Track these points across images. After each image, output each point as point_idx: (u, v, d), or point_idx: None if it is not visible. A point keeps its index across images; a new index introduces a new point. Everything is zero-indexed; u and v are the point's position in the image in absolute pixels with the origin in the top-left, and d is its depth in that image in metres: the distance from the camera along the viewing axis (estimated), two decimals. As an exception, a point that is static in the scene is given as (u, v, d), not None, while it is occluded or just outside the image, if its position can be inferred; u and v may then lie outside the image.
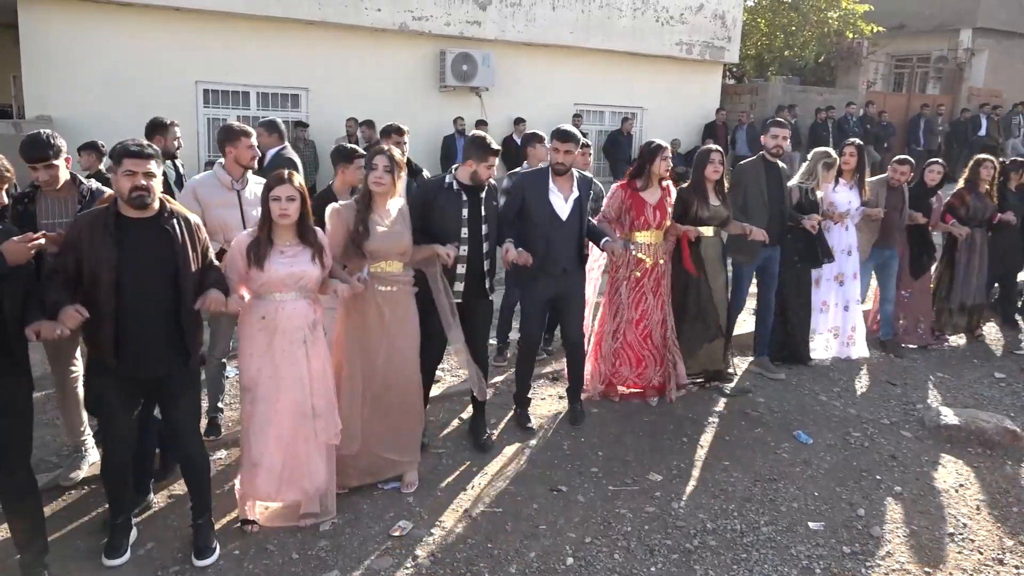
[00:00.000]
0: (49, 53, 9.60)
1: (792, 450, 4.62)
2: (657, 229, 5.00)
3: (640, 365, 5.15)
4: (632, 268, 5.01)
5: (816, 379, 5.81)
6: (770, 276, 5.71)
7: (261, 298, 3.45)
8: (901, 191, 6.24)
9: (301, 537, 3.55)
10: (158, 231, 3.09)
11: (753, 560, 3.50)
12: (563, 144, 4.44)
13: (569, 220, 4.52)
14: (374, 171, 3.75)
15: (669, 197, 5.04)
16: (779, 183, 5.55)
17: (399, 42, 11.78)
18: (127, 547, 3.36)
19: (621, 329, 5.11)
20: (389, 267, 3.85)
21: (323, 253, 3.51)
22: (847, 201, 6.00)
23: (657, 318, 5.11)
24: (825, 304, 6.17)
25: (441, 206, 4.13)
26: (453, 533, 3.63)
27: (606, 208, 5.03)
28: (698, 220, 5.12)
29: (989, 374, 6.10)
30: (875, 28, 17.81)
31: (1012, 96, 17.40)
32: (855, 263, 6.17)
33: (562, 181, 4.54)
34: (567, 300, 4.69)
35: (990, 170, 6.55)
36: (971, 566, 3.53)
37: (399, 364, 3.90)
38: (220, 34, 10.54)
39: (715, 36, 14.41)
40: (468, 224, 4.16)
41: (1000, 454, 4.65)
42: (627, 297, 5.05)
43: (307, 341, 3.49)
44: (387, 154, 3.77)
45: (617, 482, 4.15)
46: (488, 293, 4.35)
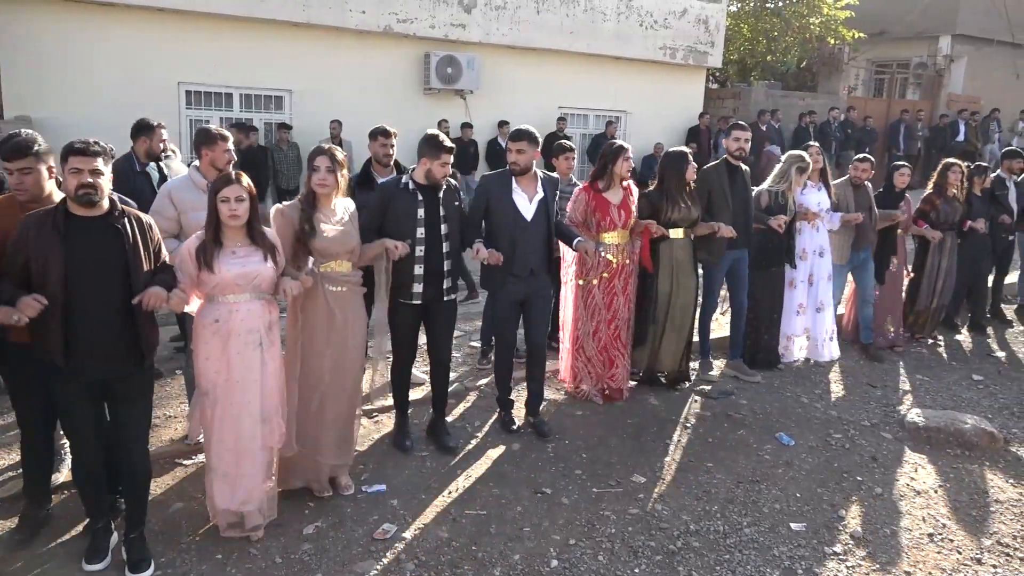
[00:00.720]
0: (29, 53, 9.50)
1: (774, 452, 4.66)
2: (623, 229, 5.03)
3: (612, 366, 5.20)
4: (601, 269, 5.03)
5: (798, 381, 5.86)
6: (739, 279, 5.74)
7: (214, 301, 3.39)
8: (866, 190, 6.30)
9: (284, 541, 3.53)
10: (108, 230, 3.06)
11: (736, 561, 3.52)
12: (515, 143, 4.44)
13: (534, 221, 4.50)
14: (316, 172, 3.71)
15: (631, 196, 5.08)
16: (744, 186, 5.58)
17: (384, 44, 11.77)
18: (107, 551, 3.33)
19: (600, 330, 5.13)
20: (339, 267, 3.82)
21: (275, 252, 3.46)
22: (816, 202, 6.06)
23: (624, 317, 5.17)
24: (801, 306, 6.21)
25: (396, 206, 4.12)
26: (437, 536, 3.62)
27: (571, 212, 5.03)
28: (669, 223, 5.16)
29: (967, 376, 6.18)
30: (856, 34, 17.99)
31: (990, 102, 17.64)
32: (827, 264, 6.22)
33: (525, 182, 4.51)
34: (532, 302, 4.65)
35: (958, 175, 6.64)
36: (950, 566, 3.57)
37: (346, 365, 3.87)
38: (203, 35, 10.47)
39: (698, 41, 14.50)
40: (425, 224, 4.14)
41: (978, 455, 4.71)
42: (601, 298, 5.07)
43: (263, 344, 3.43)
44: (328, 154, 3.73)
45: (601, 484, 4.17)
46: (447, 294, 4.31)
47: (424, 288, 4.20)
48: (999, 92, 18.13)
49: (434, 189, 4.18)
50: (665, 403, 5.30)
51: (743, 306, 5.82)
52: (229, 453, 3.44)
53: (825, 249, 6.19)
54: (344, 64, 11.49)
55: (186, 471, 4.13)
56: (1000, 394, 5.80)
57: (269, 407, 3.49)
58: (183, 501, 3.83)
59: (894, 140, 16.07)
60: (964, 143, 16.15)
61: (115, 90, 9.90)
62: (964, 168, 6.75)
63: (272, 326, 3.49)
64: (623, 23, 13.61)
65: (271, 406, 3.50)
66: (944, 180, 6.65)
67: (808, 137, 14.36)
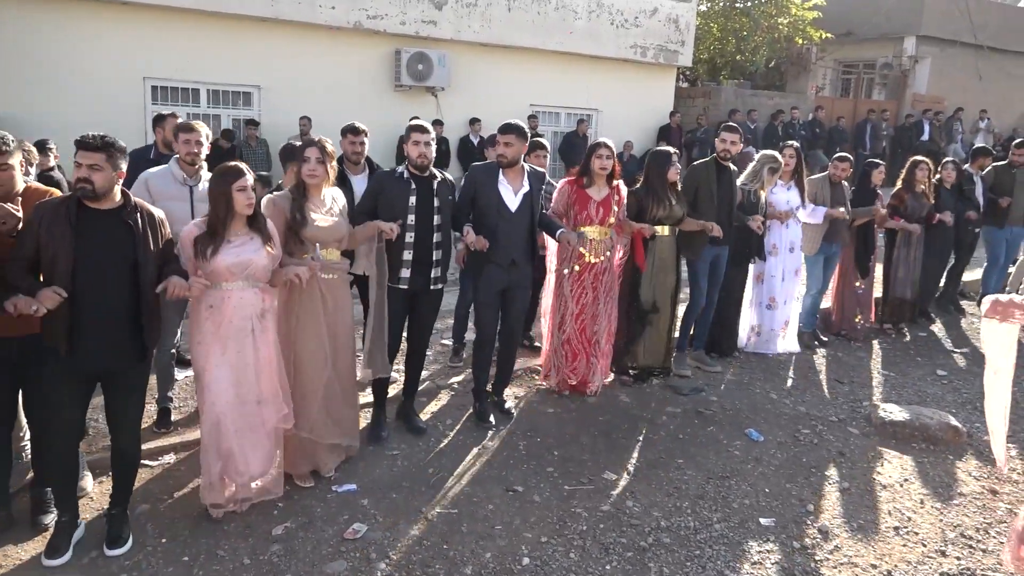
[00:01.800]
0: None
1: (744, 448, 4.70)
2: (600, 225, 5.06)
3: (575, 359, 5.23)
4: (572, 262, 5.08)
5: (767, 378, 5.92)
6: (717, 275, 5.85)
7: (208, 287, 3.43)
8: (842, 188, 6.53)
9: (253, 542, 3.49)
10: (118, 223, 3.13)
11: (706, 557, 3.54)
12: (503, 136, 4.53)
13: (518, 213, 4.58)
14: (307, 163, 3.81)
15: (617, 195, 5.11)
16: (730, 185, 5.69)
17: (354, 40, 11.69)
18: (68, 547, 3.28)
19: (566, 322, 5.18)
20: (329, 255, 3.92)
21: (272, 241, 3.56)
22: (785, 201, 6.21)
23: (592, 312, 5.18)
24: (774, 301, 6.35)
25: (390, 193, 4.21)
26: (408, 535, 3.60)
27: (554, 204, 5.10)
28: (655, 220, 5.25)
29: (932, 372, 6.28)
30: (823, 35, 18.23)
31: (953, 102, 17.99)
32: (797, 259, 6.42)
33: (512, 174, 4.59)
34: (513, 292, 4.74)
35: (925, 171, 6.89)
36: (915, 558, 3.62)
37: (340, 350, 4.02)
38: (170, 30, 10.33)
39: (669, 40, 14.60)
40: (416, 211, 4.22)
41: (943, 449, 4.79)
42: (568, 291, 5.13)
43: (255, 330, 3.51)
44: (318, 145, 3.83)
45: (573, 482, 4.17)
46: (435, 283, 4.40)
47: (412, 275, 4.29)
48: (962, 92, 18.49)
49: (428, 179, 4.27)
50: (636, 400, 5.32)
51: (714, 301, 5.94)
52: (222, 434, 3.51)
53: (796, 244, 6.36)
54: (314, 60, 11.39)
55: (152, 472, 4.06)
56: (963, 389, 5.91)
57: (266, 391, 3.58)
58: (149, 503, 3.76)
59: (860, 139, 16.31)
60: (928, 143, 16.44)
61: (80, 85, 9.74)
62: (931, 165, 6.98)
63: (266, 314, 3.57)
64: (594, 21, 13.65)
65: (269, 389, 3.59)
66: (912, 176, 6.89)
67: (778, 136, 14.56)
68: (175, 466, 4.15)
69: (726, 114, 14.93)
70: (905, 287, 7.04)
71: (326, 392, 3.95)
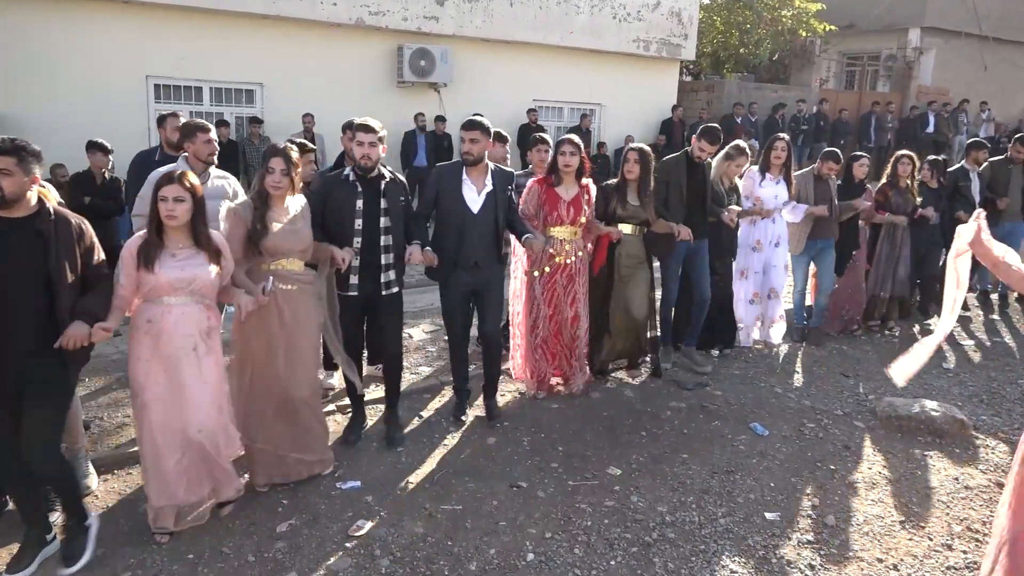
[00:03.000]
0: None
1: (749, 442, 4.68)
2: (571, 225, 4.93)
3: (555, 360, 5.15)
4: (543, 263, 4.95)
5: (771, 372, 5.90)
6: (700, 271, 5.67)
7: (150, 301, 3.30)
8: (828, 183, 6.36)
9: (257, 539, 3.49)
10: (29, 233, 2.96)
11: (711, 551, 3.53)
12: (467, 133, 4.39)
13: (481, 214, 4.45)
14: (271, 174, 3.68)
15: (587, 194, 4.98)
16: (702, 179, 5.52)
17: (355, 37, 11.67)
18: (32, 561, 3.19)
19: (540, 325, 5.05)
20: (289, 265, 3.80)
21: (220, 257, 3.39)
22: (773, 196, 6.07)
23: (567, 314, 5.04)
24: (757, 295, 6.31)
25: (337, 198, 4.09)
26: (412, 531, 3.60)
27: (523, 204, 4.93)
28: (617, 218, 5.12)
29: (937, 365, 6.25)
30: (827, 27, 18.16)
31: (958, 94, 17.90)
32: (783, 254, 6.32)
33: (475, 173, 4.47)
34: (482, 295, 4.63)
35: (907, 166, 6.70)
36: (921, 552, 3.61)
37: (298, 364, 3.84)
38: (172, 28, 10.32)
39: (672, 33, 14.54)
40: (363, 215, 4.08)
41: (949, 443, 4.77)
42: (540, 293, 4.99)
43: (197, 349, 3.34)
44: (284, 155, 3.69)
45: (577, 477, 4.16)
46: (388, 287, 4.23)
47: (360, 280, 4.15)
48: (967, 83, 18.41)
49: (375, 180, 4.12)
50: (640, 395, 5.31)
51: (706, 299, 5.74)
52: (162, 455, 3.34)
53: (782, 239, 6.27)
54: (316, 57, 11.38)
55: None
56: (970, 382, 5.88)
57: (208, 412, 3.40)
58: (153, 501, 3.76)
59: (865, 132, 16.26)
60: (934, 134, 16.37)
61: (82, 84, 9.74)
62: (915, 160, 6.81)
63: (211, 332, 3.40)
64: (596, 16, 13.61)
65: (212, 411, 3.42)
66: (895, 172, 6.73)
67: (779, 129, 14.51)
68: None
69: (730, 107, 14.89)
70: (884, 284, 6.86)
71: (281, 407, 3.81)
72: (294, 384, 3.82)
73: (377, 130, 4.08)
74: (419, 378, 5.46)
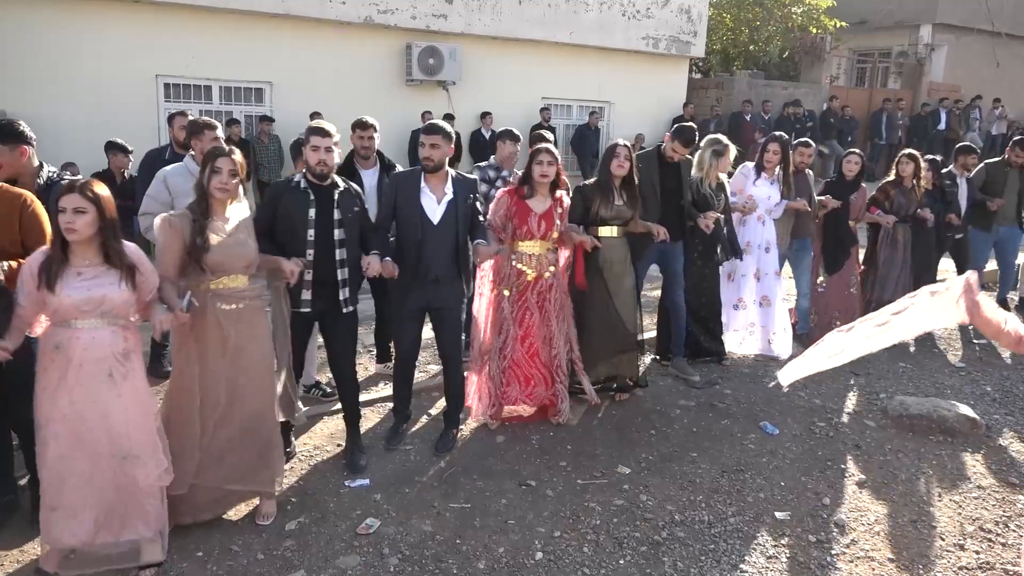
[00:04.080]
0: (2, 45, 9.36)
1: (758, 441, 4.66)
2: (542, 240, 4.53)
3: (529, 384, 4.68)
4: (513, 280, 4.57)
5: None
6: (673, 274, 5.44)
7: (57, 325, 2.98)
8: (807, 178, 6.09)
9: (266, 537, 3.50)
10: None
11: (721, 551, 3.52)
12: (428, 137, 4.07)
13: (442, 224, 4.12)
14: (218, 175, 3.31)
15: (560, 207, 4.58)
16: (676, 177, 5.24)
17: (364, 35, 11.69)
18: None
19: (508, 346, 4.62)
20: (232, 282, 3.42)
21: (134, 274, 3.03)
22: (767, 196, 5.80)
23: (543, 334, 4.65)
24: (741, 301, 5.95)
25: (287, 206, 3.77)
26: (421, 530, 3.60)
27: (491, 215, 4.54)
28: (600, 220, 4.77)
29: (949, 363, 6.21)
30: (838, 23, 18.06)
31: (970, 90, 17.77)
32: (775, 259, 5.95)
33: (435, 181, 4.15)
34: (440, 312, 4.30)
35: (907, 166, 6.39)
36: (933, 552, 3.58)
37: (246, 389, 3.48)
38: (181, 27, 10.37)
39: (681, 31, 14.50)
40: (316, 225, 3.77)
41: (960, 442, 4.73)
42: (510, 312, 4.58)
43: (114, 375, 3.01)
44: (230, 156, 3.35)
45: (586, 476, 4.15)
46: (345, 305, 3.93)
47: (313, 297, 3.85)
48: (979, 80, 18.28)
49: (329, 188, 3.82)
50: (649, 394, 5.28)
51: (680, 305, 5.48)
52: (69, 491, 3.01)
53: (772, 244, 5.91)
54: (325, 56, 11.41)
55: (166, 468, 4.07)
56: (982, 381, 5.84)
57: (135, 446, 3.07)
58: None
59: (876, 129, 16.17)
60: (946, 131, 16.27)
61: (92, 83, 9.79)
62: (918, 159, 6.48)
63: (129, 355, 3.07)
64: (605, 13, 13.59)
65: (137, 445, 3.08)
66: (898, 171, 6.46)
67: (790, 126, 14.45)
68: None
69: (739, 105, 14.83)
70: (884, 290, 6.48)
71: (221, 435, 3.44)
72: (244, 410, 3.48)
73: (333, 134, 3.79)
74: (427, 376, 5.46)
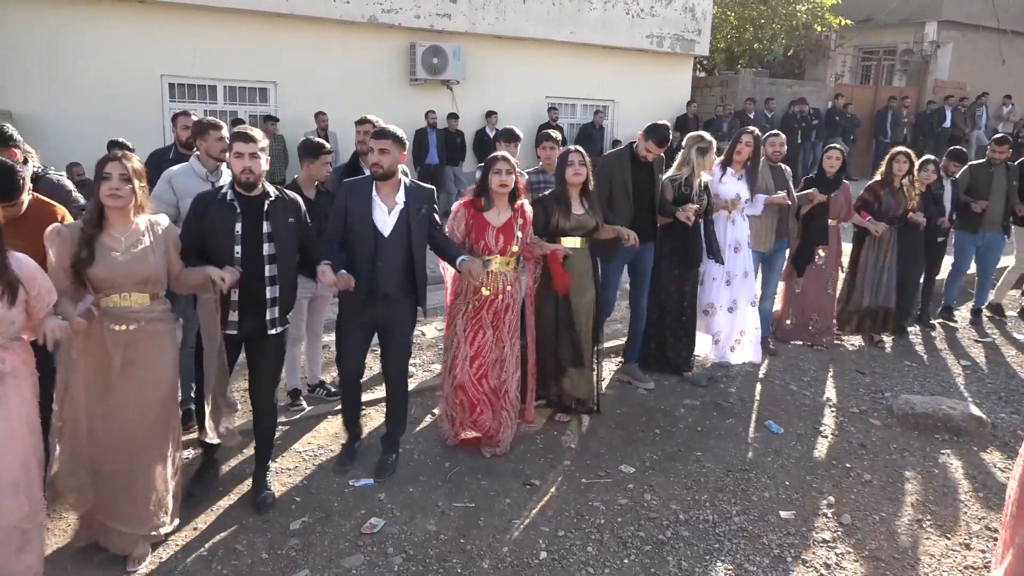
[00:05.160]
0: (8, 46, 9.38)
1: (763, 440, 4.65)
2: (501, 255, 4.20)
3: (475, 410, 4.31)
4: (469, 297, 4.25)
5: (786, 369, 5.86)
6: (642, 276, 5.26)
7: None
8: (783, 172, 5.87)
9: (271, 536, 3.50)
10: None
11: (725, 550, 3.51)
12: (377, 142, 3.77)
13: (393, 236, 3.83)
14: (108, 181, 3.04)
15: (521, 218, 4.26)
16: (650, 177, 5.05)
17: (368, 35, 11.69)
18: None
19: (456, 366, 4.29)
20: (124, 301, 3.14)
21: (16, 290, 2.79)
22: (734, 192, 5.54)
23: (494, 357, 4.30)
24: (711, 306, 5.64)
25: (211, 220, 3.47)
26: (425, 529, 3.60)
27: (450, 230, 4.24)
28: (561, 231, 4.51)
29: (955, 362, 6.19)
30: (842, 21, 18.01)
31: (976, 88, 17.70)
32: (745, 260, 5.64)
33: (386, 190, 3.86)
34: (389, 330, 4.00)
35: (902, 165, 6.17)
36: (939, 551, 3.57)
37: (134, 419, 3.18)
38: (186, 27, 10.38)
39: (685, 29, 14.47)
40: (243, 240, 3.47)
41: (966, 440, 4.72)
42: (462, 330, 4.26)
43: None
44: (121, 160, 3.07)
45: (590, 475, 4.15)
46: (272, 326, 3.63)
47: (241, 318, 3.54)
48: (985, 77, 18.21)
49: (258, 199, 3.52)
50: (654, 393, 5.28)
51: (643, 309, 5.35)
52: None
53: (742, 243, 5.63)
54: (329, 55, 11.41)
55: (171, 468, 4.08)
56: (988, 379, 5.82)
57: (5, 476, 2.80)
58: (168, 498, 3.78)
59: (881, 127, 16.11)
60: (952, 128, 16.20)
61: (97, 83, 9.81)
62: (912, 158, 6.26)
63: (4, 377, 2.82)
64: (609, 12, 13.56)
65: (9, 475, 2.81)
66: (890, 170, 6.21)
67: (797, 124, 14.43)
68: (192, 461, 4.16)
69: (743, 103, 14.79)
70: (869, 294, 6.37)
71: (110, 468, 3.17)
72: (132, 443, 3.19)
73: (258, 139, 3.49)
74: (431, 375, 5.46)
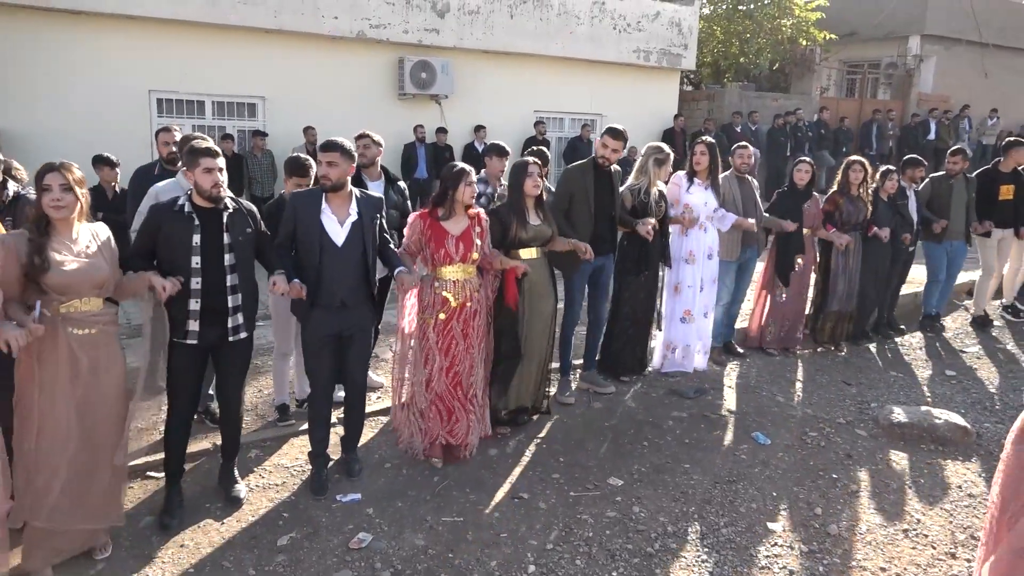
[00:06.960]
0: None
1: (751, 451, 4.67)
2: (463, 263, 4.25)
3: (451, 419, 4.37)
4: (437, 308, 4.26)
5: (774, 380, 5.89)
6: (602, 287, 5.37)
7: None
8: (750, 184, 6.00)
9: (258, 553, 3.49)
10: None
11: (713, 562, 3.52)
12: (325, 154, 3.80)
13: (346, 246, 3.87)
14: (48, 192, 3.07)
15: (479, 226, 4.32)
16: (610, 188, 5.16)
17: (357, 50, 11.73)
18: None
19: (433, 379, 4.32)
20: (84, 305, 3.19)
21: None
22: (703, 202, 5.62)
23: (468, 364, 4.36)
24: (688, 313, 5.76)
25: (169, 231, 3.51)
26: (413, 544, 3.59)
27: (406, 240, 4.29)
28: (519, 242, 4.56)
29: (940, 372, 6.24)
30: (827, 35, 18.21)
31: (959, 100, 17.94)
32: (715, 268, 5.81)
33: (337, 201, 3.88)
34: (350, 338, 4.03)
35: (859, 173, 6.29)
36: (925, 561, 3.59)
37: (98, 418, 3.26)
38: (174, 43, 10.39)
39: (672, 43, 14.60)
40: (203, 251, 3.52)
41: (951, 450, 4.75)
42: (435, 342, 4.28)
43: None
44: (60, 170, 3.09)
45: (578, 488, 4.15)
46: (235, 333, 3.69)
47: (202, 327, 3.59)
48: (968, 90, 18.45)
49: (217, 211, 3.57)
50: (642, 405, 5.30)
51: (603, 318, 5.49)
52: None
53: (714, 251, 5.77)
54: (318, 70, 11.44)
55: (157, 484, 4.06)
56: (973, 389, 5.86)
57: None
58: (154, 514, 3.76)
59: (866, 140, 16.29)
60: (936, 141, 16.39)
61: (84, 99, 9.80)
62: (867, 167, 6.37)
63: None
64: (597, 26, 13.67)
65: None
66: (846, 179, 6.33)
67: (784, 138, 14.56)
68: (158, 491, 4.08)
69: (730, 117, 14.91)
70: (832, 300, 6.48)
71: (71, 470, 3.20)
72: (94, 443, 3.26)
73: (219, 151, 3.58)
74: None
